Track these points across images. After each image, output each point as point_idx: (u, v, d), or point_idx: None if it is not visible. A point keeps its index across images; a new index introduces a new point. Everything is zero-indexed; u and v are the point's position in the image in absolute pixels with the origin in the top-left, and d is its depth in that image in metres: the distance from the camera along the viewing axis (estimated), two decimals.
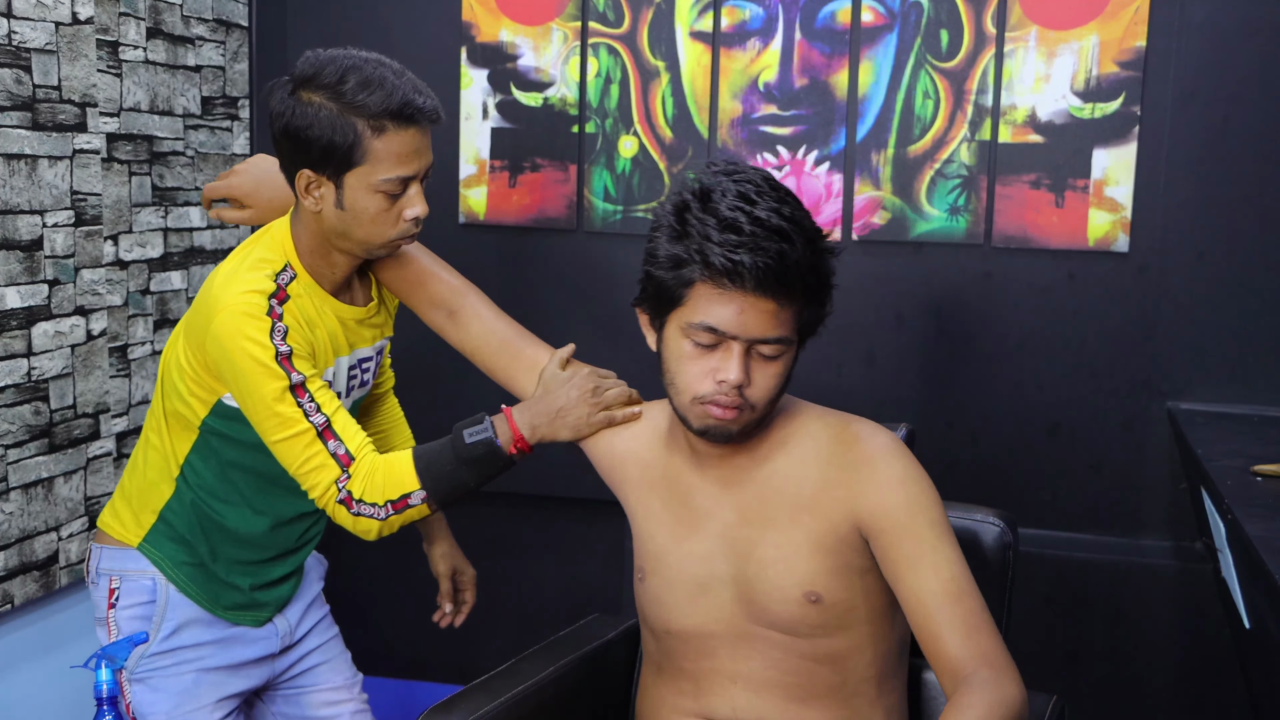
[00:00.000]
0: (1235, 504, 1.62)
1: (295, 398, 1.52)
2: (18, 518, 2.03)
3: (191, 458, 1.68)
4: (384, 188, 1.53)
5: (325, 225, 1.57)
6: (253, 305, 1.52)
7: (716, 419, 1.40)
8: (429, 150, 1.57)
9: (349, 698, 1.88)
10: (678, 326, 1.40)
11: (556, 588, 2.61)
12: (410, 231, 1.58)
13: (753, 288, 1.34)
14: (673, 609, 1.51)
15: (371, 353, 1.75)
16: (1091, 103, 2.26)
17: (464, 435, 1.56)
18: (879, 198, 2.36)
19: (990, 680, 1.31)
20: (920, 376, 2.39)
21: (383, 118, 1.50)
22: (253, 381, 1.52)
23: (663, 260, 1.39)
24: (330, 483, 1.53)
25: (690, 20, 2.40)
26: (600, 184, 2.46)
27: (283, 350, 1.52)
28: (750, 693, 1.48)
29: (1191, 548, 2.31)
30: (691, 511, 1.51)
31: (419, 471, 1.54)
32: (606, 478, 1.61)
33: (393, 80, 1.52)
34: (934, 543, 1.39)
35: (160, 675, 1.67)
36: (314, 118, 1.50)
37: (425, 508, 1.55)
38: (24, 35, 1.97)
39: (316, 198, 1.55)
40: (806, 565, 1.43)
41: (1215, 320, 2.26)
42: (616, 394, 1.60)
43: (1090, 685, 2.39)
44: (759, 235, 1.34)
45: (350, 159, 1.51)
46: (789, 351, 1.41)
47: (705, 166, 1.43)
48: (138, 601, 1.68)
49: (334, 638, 1.91)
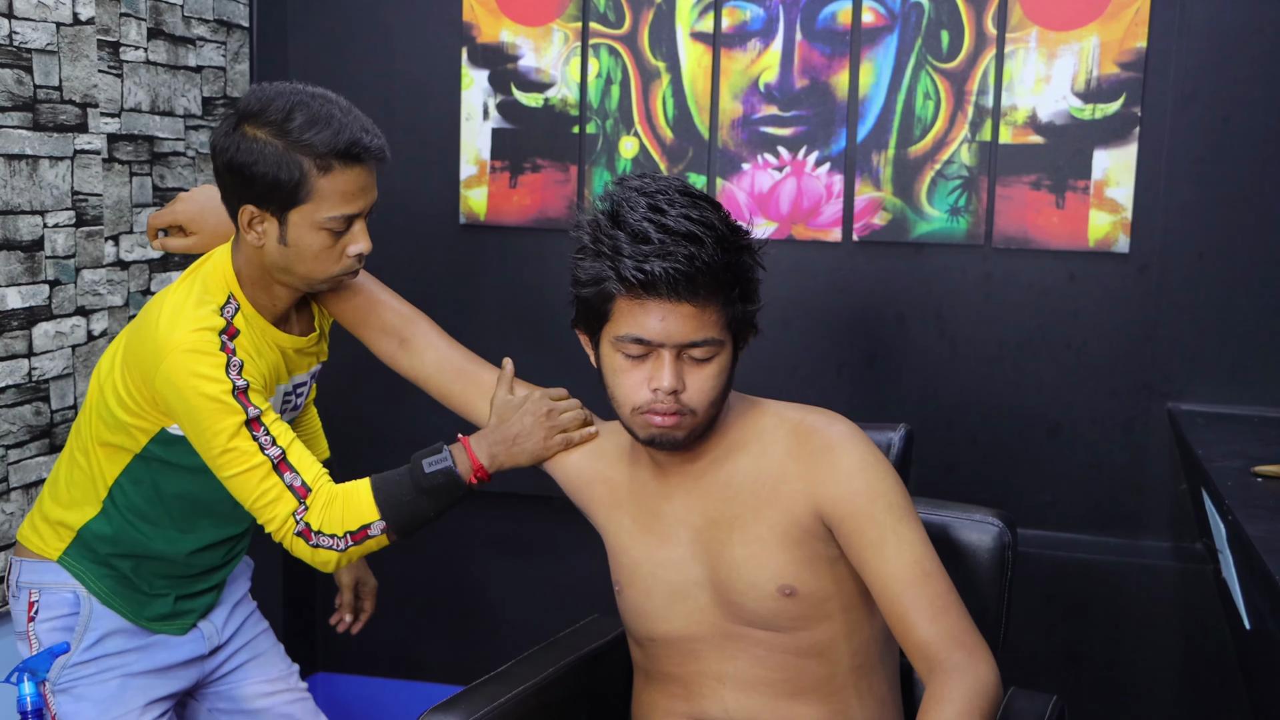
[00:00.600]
0: (1236, 505, 1.62)
1: (251, 432, 1.51)
2: (18, 518, 2.03)
3: (122, 480, 1.66)
4: (328, 225, 1.52)
5: (267, 260, 1.56)
6: (205, 342, 1.52)
7: (658, 427, 1.42)
8: (374, 188, 1.57)
9: (285, 688, 1.87)
10: (609, 342, 1.43)
11: (556, 589, 2.61)
12: (353, 268, 1.58)
13: (668, 294, 1.36)
14: (653, 617, 1.52)
15: (306, 378, 1.76)
16: (1092, 103, 2.26)
17: (423, 465, 1.55)
18: (879, 198, 2.36)
19: (964, 665, 1.32)
20: (920, 377, 2.39)
21: (329, 156, 1.50)
22: (208, 420, 1.50)
23: (583, 280, 1.42)
24: (287, 515, 1.52)
25: (691, 21, 2.40)
26: (601, 185, 2.46)
27: (239, 385, 1.51)
28: (739, 692, 1.49)
29: (1192, 548, 2.31)
30: (660, 521, 1.52)
31: (379, 502, 1.53)
32: (574, 499, 1.63)
33: (340, 118, 1.52)
34: (895, 527, 1.40)
35: (84, 684, 1.65)
36: (259, 154, 1.49)
37: (384, 538, 1.55)
38: (25, 36, 1.98)
39: (259, 232, 1.54)
40: (777, 560, 1.45)
41: (1216, 321, 2.26)
42: (571, 417, 1.62)
43: (1090, 686, 2.39)
44: (667, 242, 1.35)
45: (295, 197, 1.50)
46: (722, 351, 1.42)
47: (619, 182, 1.44)
48: (58, 614, 1.66)
49: (262, 633, 1.89)
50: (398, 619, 2.72)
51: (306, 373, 1.76)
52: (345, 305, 1.74)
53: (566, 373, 2.51)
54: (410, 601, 2.71)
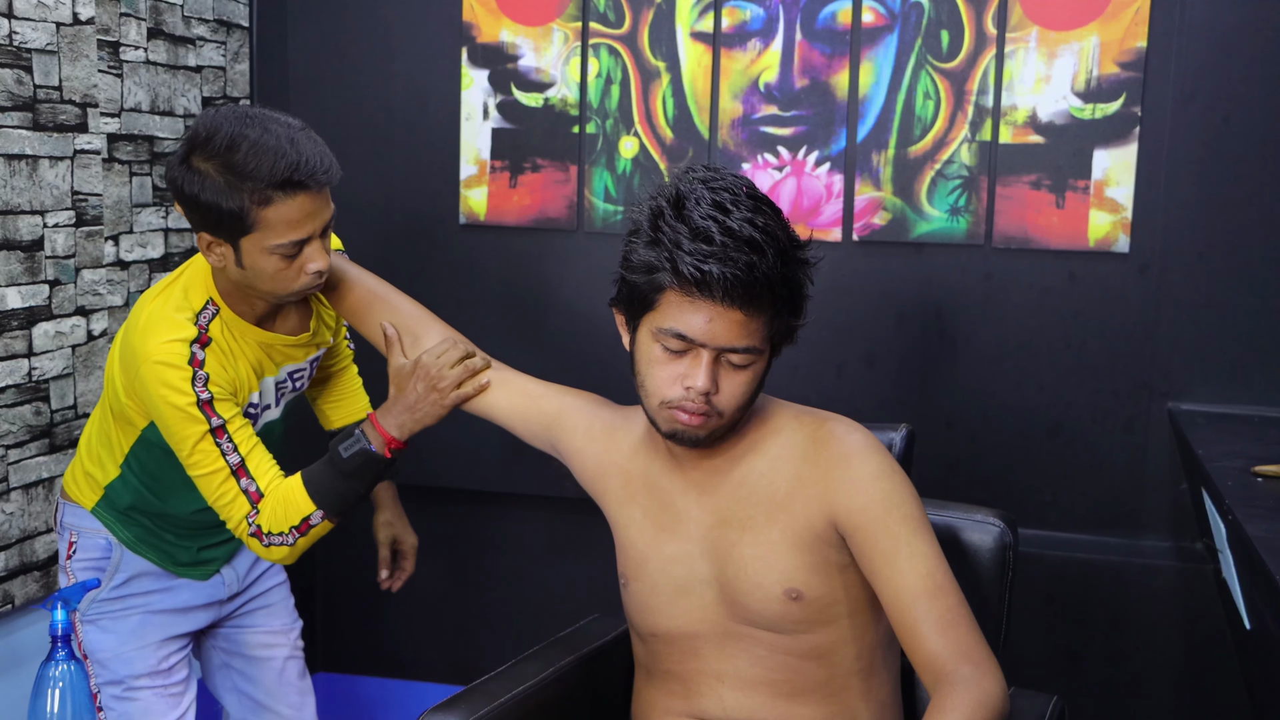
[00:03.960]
0: (1236, 505, 1.62)
1: (215, 439, 1.60)
2: (18, 518, 2.03)
3: (136, 449, 1.75)
4: (278, 251, 1.57)
5: (231, 278, 1.63)
6: (174, 355, 1.58)
7: (683, 424, 1.41)
8: (325, 208, 1.60)
9: (285, 643, 1.98)
10: (649, 330, 1.41)
11: (556, 588, 2.61)
12: (315, 283, 1.63)
13: (721, 298, 1.35)
14: (656, 612, 1.52)
15: (305, 364, 1.81)
16: (1092, 103, 2.26)
17: (340, 452, 1.63)
18: (879, 198, 2.36)
19: (971, 677, 1.32)
20: (921, 377, 2.39)
21: (268, 189, 1.52)
22: (174, 426, 1.60)
23: (636, 265, 1.40)
24: (242, 518, 1.63)
25: (691, 21, 2.40)
26: (601, 184, 2.46)
27: (203, 397, 1.59)
28: (738, 691, 1.49)
29: (1192, 548, 2.31)
30: (671, 515, 1.52)
31: (311, 496, 1.62)
32: (588, 489, 1.62)
33: (277, 147, 1.53)
34: (909, 539, 1.39)
35: (109, 618, 1.79)
36: (203, 186, 1.54)
37: (327, 524, 1.64)
38: (25, 35, 1.98)
39: (219, 255, 1.60)
40: (785, 563, 1.44)
41: (1216, 321, 2.26)
42: (457, 374, 1.64)
43: (1091, 686, 2.39)
44: (729, 246, 1.34)
45: (242, 226, 1.54)
46: (759, 360, 1.42)
47: (685, 171, 1.43)
48: (93, 556, 1.79)
49: (280, 584, 2.00)
50: (398, 619, 2.72)
51: (304, 361, 1.80)
52: (359, 309, 1.75)
53: (567, 373, 2.51)
54: (410, 601, 2.71)
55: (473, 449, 2.55)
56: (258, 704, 1.96)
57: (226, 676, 1.97)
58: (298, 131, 1.57)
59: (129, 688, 1.79)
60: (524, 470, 2.50)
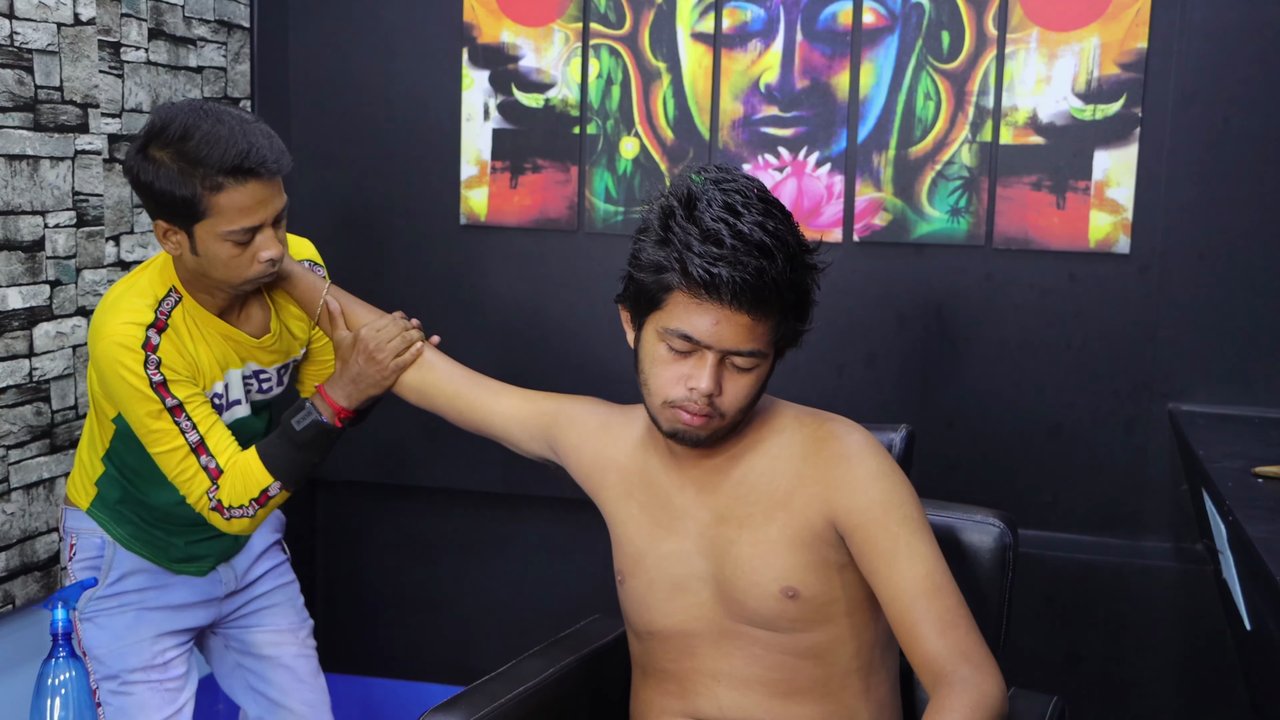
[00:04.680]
0: (1236, 505, 1.62)
1: (173, 418, 1.66)
2: (19, 518, 2.03)
3: (114, 443, 1.80)
4: (231, 238, 1.61)
5: (188, 266, 1.68)
6: (129, 338, 1.64)
7: (685, 424, 1.42)
8: (276, 197, 1.64)
9: (293, 641, 2.00)
10: (655, 330, 1.41)
11: (556, 589, 2.61)
12: (268, 271, 1.67)
13: (729, 301, 1.35)
14: (653, 609, 1.52)
15: (272, 371, 1.84)
16: (1092, 104, 2.26)
17: (293, 425, 1.70)
18: (880, 199, 2.36)
19: (969, 678, 1.32)
20: (921, 378, 2.39)
21: (218, 175, 1.57)
22: (131, 405, 1.66)
23: (645, 264, 1.40)
24: (202, 493, 1.69)
25: (691, 22, 2.40)
26: (601, 185, 2.46)
27: (155, 379, 1.64)
28: (734, 690, 1.49)
29: (1192, 549, 2.31)
30: (669, 512, 1.52)
31: (269, 468, 1.69)
32: (585, 485, 1.62)
33: (229, 136, 1.58)
34: (908, 539, 1.40)
35: (105, 615, 1.83)
36: (157, 174, 1.59)
37: (285, 494, 1.71)
38: (26, 36, 1.98)
39: (174, 243, 1.65)
40: (783, 561, 1.44)
41: (1216, 322, 2.26)
42: (395, 346, 1.70)
43: (1091, 687, 2.39)
44: (739, 249, 1.34)
45: (194, 213, 1.59)
46: (763, 363, 1.42)
47: (698, 170, 1.43)
48: (89, 556, 1.84)
49: (285, 585, 2.02)
50: (398, 619, 2.72)
51: (271, 367, 1.84)
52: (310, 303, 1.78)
53: (567, 373, 2.51)
54: (411, 602, 2.71)
55: (474, 451, 2.54)
56: (273, 702, 1.99)
57: (241, 677, 2.00)
58: (250, 124, 1.62)
59: (124, 682, 1.82)
60: (525, 471, 2.49)
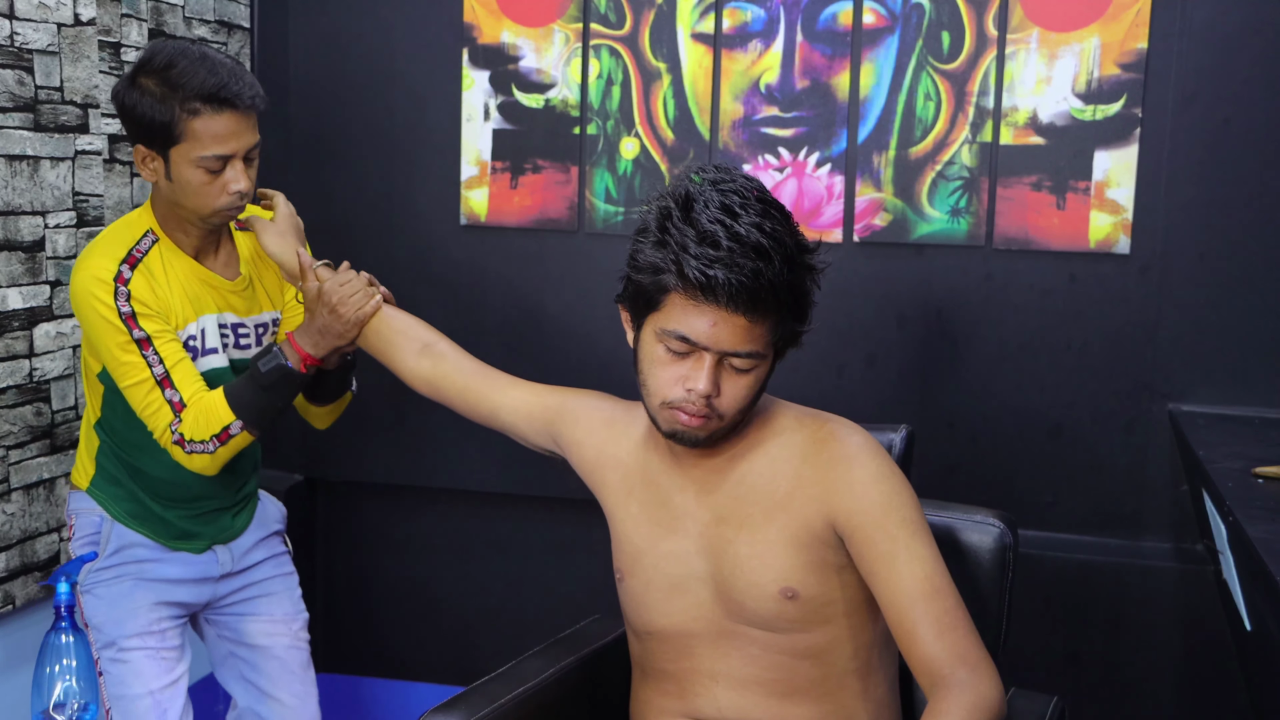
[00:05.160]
0: (1236, 506, 1.62)
1: (141, 350, 1.73)
2: (19, 518, 2.03)
3: (104, 410, 1.85)
4: (204, 164, 1.71)
5: (163, 195, 1.78)
6: (101, 270, 1.73)
7: (684, 425, 1.42)
8: (249, 133, 1.75)
9: (286, 632, 2.02)
10: (653, 330, 1.41)
11: (556, 589, 2.61)
12: (237, 204, 1.76)
13: (725, 303, 1.35)
14: (651, 609, 1.52)
15: (249, 324, 1.90)
16: (1093, 104, 2.26)
17: (259, 366, 1.76)
18: (880, 199, 2.36)
19: (967, 681, 1.32)
20: (921, 378, 2.39)
21: (196, 100, 1.69)
22: (101, 334, 1.73)
23: (642, 265, 1.40)
24: (166, 426, 1.75)
25: (692, 22, 2.40)
26: (601, 185, 2.46)
27: (124, 310, 1.72)
28: (732, 691, 1.49)
29: (1192, 549, 2.31)
30: (669, 512, 1.52)
31: (232, 407, 1.75)
32: (587, 481, 1.62)
33: (212, 68, 1.70)
34: (907, 541, 1.39)
35: (103, 585, 1.87)
36: (141, 98, 1.70)
37: (247, 435, 1.77)
38: (26, 36, 1.98)
39: (151, 169, 1.75)
40: (782, 562, 1.44)
41: (1216, 322, 2.26)
42: (358, 299, 1.77)
43: (1091, 687, 2.39)
44: (736, 251, 1.34)
45: (171, 136, 1.70)
46: (762, 364, 1.42)
47: (696, 171, 1.43)
48: (88, 533, 1.89)
49: (284, 575, 2.04)
50: (398, 619, 2.72)
51: (248, 317, 1.89)
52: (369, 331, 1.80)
53: (567, 373, 2.51)
54: (410, 602, 2.71)
55: (475, 450, 2.55)
56: (262, 692, 2.00)
57: (233, 666, 2.02)
58: (231, 64, 1.74)
59: (121, 649, 1.85)
60: (525, 471, 2.50)
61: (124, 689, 1.85)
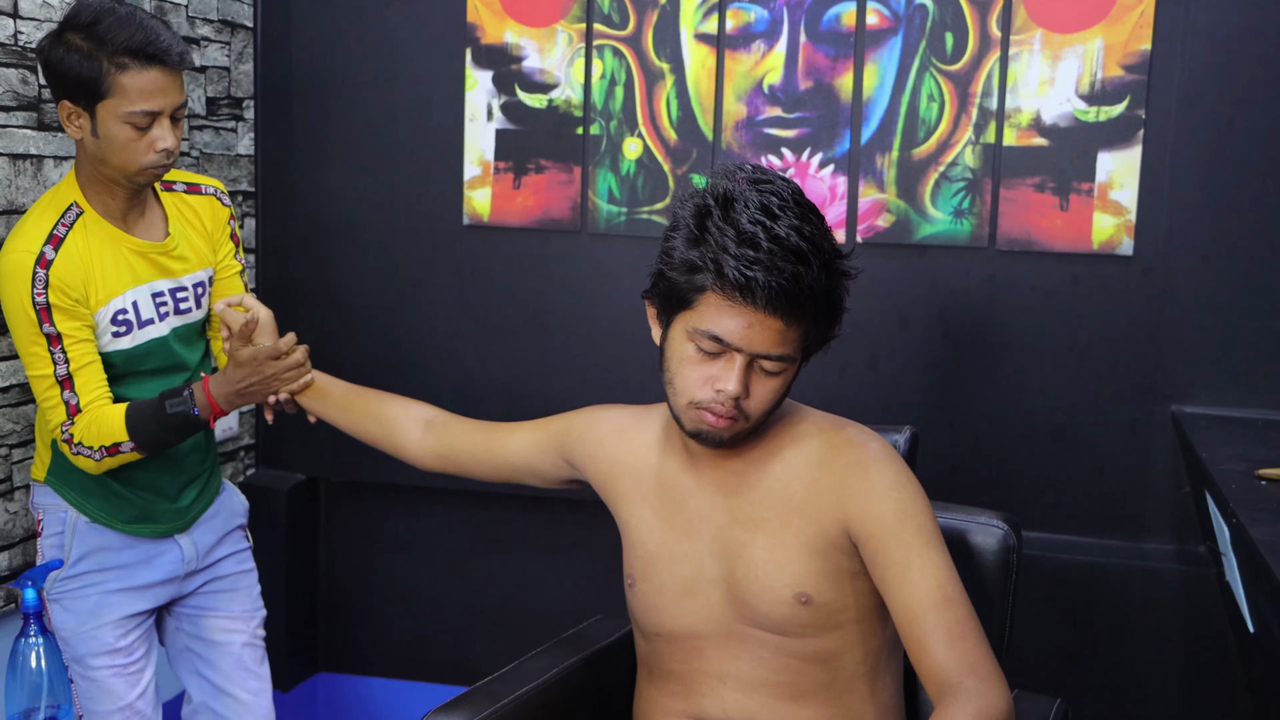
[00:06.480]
0: (1240, 508, 1.62)
1: (49, 345, 1.74)
2: (21, 517, 2.03)
3: None
4: (130, 120, 1.71)
5: (89, 153, 1.76)
6: (24, 253, 1.72)
7: (710, 425, 1.41)
8: (176, 91, 1.75)
9: (244, 629, 2.03)
10: (684, 329, 1.40)
11: (557, 590, 2.61)
12: (162, 162, 1.75)
13: (763, 305, 1.34)
14: (663, 611, 1.52)
15: (187, 283, 1.90)
16: (1096, 106, 2.26)
17: (166, 406, 1.78)
18: (883, 200, 2.36)
19: (975, 690, 1.30)
20: (923, 379, 2.39)
21: (123, 55, 1.69)
22: (14, 319, 1.74)
23: (677, 262, 1.39)
24: (59, 424, 1.77)
25: (695, 22, 2.40)
26: (605, 186, 2.46)
27: (40, 302, 1.72)
28: (739, 692, 1.48)
29: (1195, 551, 2.30)
30: (683, 515, 1.51)
31: (129, 428, 1.76)
32: (602, 493, 1.62)
33: (140, 25, 1.70)
34: (922, 550, 1.39)
35: (69, 597, 1.87)
36: (66, 54, 1.70)
37: (135, 454, 1.79)
38: (29, 35, 1.98)
39: (77, 126, 1.73)
40: (797, 567, 1.44)
41: (1220, 324, 2.26)
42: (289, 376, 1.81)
43: (1093, 689, 2.39)
44: (776, 254, 1.33)
45: (98, 91, 1.69)
46: (790, 368, 1.42)
47: (733, 170, 1.41)
48: (54, 532, 1.89)
49: (245, 572, 2.05)
50: (400, 619, 2.72)
51: (183, 278, 1.88)
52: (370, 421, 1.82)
53: (570, 374, 2.51)
54: (413, 602, 2.71)
55: None
56: (216, 688, 2.01)
57: (188, 660, 2.02)
58: (159, 22, 1.74)
59: (88, 667, 1.86)
60: None
61: (94, 704, 1.87)
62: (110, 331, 1.79)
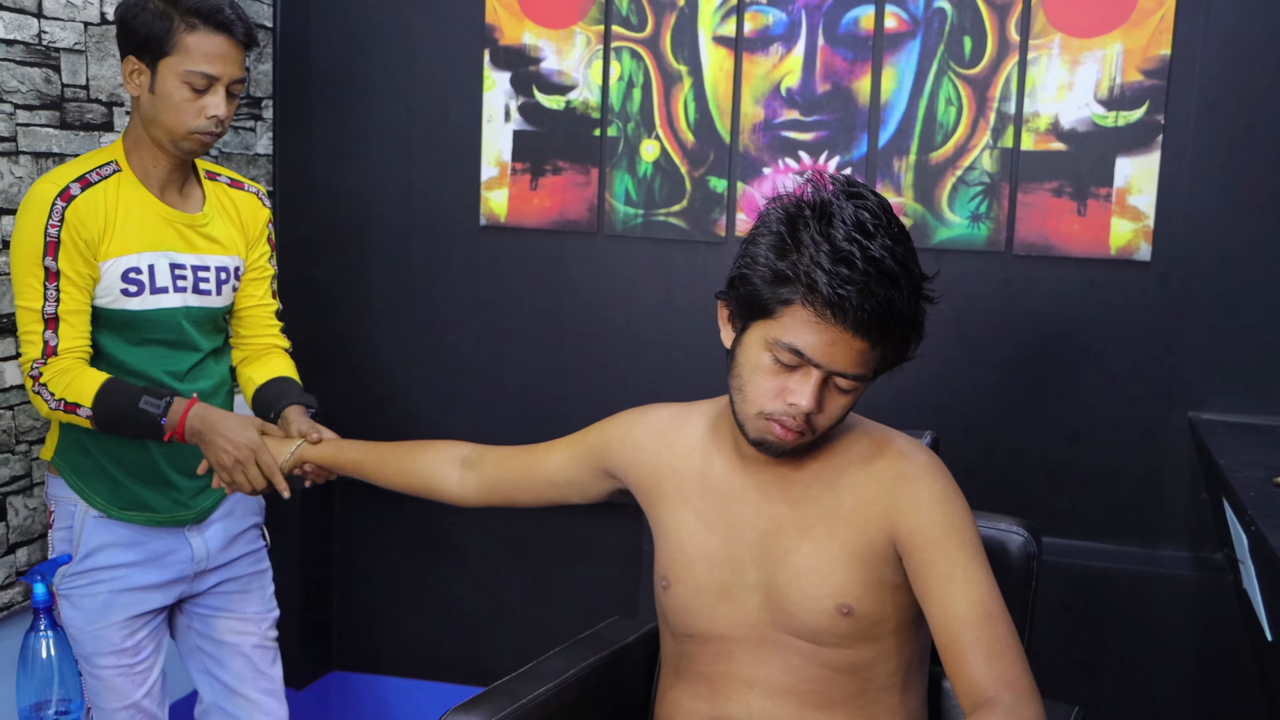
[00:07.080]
0: (1258, 515, 1.62)
1: (45, 280, 1.73)
2: (41, 514, 2.04)
3: None
4: (189, 80, 1.76)
5: (142, 112, 1.79)
6: (47, 191, 1.74)
7: (776, 436, 1.40)
8: (237, 64, 1.80)
9: (255, 630, 2.03)
10: (762, 337, 1.38)
11: (571, 591, 2.62)
12: (209, 129, 1.79)
13: (852, 326, 1.32)
14: (697, 614, 1.51)
15: (210, 264, 1.89)
16: (1115, 111, 2.26)
17: (140, 401, 1.76)
18: (900, 204, 2.36)
19: (1011, 705, 1.30)
20: (940, 383, 2.39)
21: (194, 16, 1.75)
22: (20, 248, 1.74)
23: (763, 270, 1.36)
24: (32, 359, 1.76)
25: (713, 25, 2.40)
26: (621, 187, 2.47)
27: (51, 234, 1.73)
28: (766, 699, 1.48)
29: (1211, 558, 2.30)
30: (726, 518, 1.50)
31: (96, 396, 1.75)
32: (641, 497, 1.59)
33: None
34: (965, 564, 1.38)
35: (78, 594, 1.86)
36: (142, 10, 1.76)
37: (88, 422, 1.76)
38: (53, 35, 1.99)
39: (137, 83, 1.78)
40: (841, 577, 1.43)
41: (1237, 330, 2.25)
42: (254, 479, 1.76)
43: (1108, 695, 2.38)
44: (871, 276, 1.31)
45: (163, 48, 1.75)
46: (862, 386, 1.40)
47: (826, 179, 1.39)
48: (65, 525, 1.89)
49: (259, 573, 2.05)
50: (414, 619, 2.72)
51: (210, 256, 1.88)
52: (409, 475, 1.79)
53: (586, 375, 2.52)
54: (427, 601, 2.72)
55: None
56: (227, 688, 2.01)
57: (199, 659, 2.02)
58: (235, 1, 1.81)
59: (96, 665, 1.87)
60: None
61: (101, 701, 1.88)
62: (119, 288, 1.78)
